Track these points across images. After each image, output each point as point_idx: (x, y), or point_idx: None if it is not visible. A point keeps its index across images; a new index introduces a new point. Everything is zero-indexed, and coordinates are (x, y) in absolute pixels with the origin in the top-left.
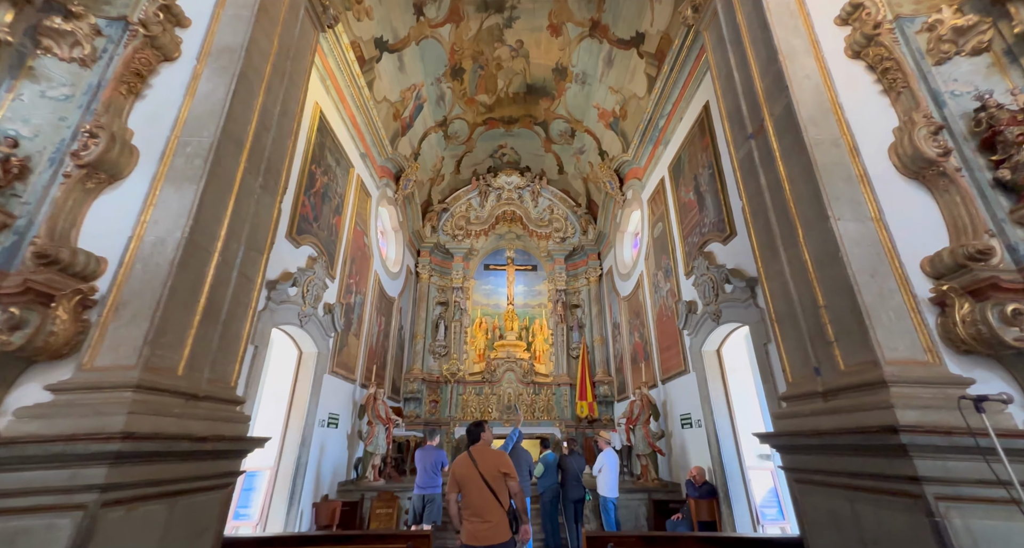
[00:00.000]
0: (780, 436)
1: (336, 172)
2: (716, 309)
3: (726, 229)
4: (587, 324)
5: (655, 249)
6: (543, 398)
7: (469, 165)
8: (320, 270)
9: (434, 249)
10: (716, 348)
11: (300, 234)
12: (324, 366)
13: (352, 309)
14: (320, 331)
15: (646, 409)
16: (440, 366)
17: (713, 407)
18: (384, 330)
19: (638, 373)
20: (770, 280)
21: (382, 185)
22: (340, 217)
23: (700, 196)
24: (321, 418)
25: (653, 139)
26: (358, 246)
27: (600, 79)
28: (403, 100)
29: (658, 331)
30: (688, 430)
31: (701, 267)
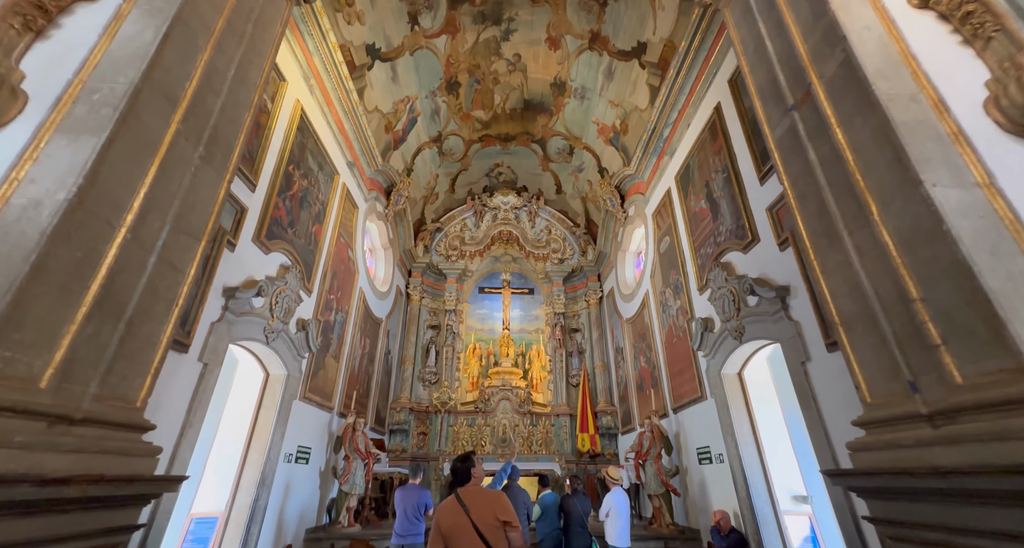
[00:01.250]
0: (866, 475)
1: (318, 178)
2: (738, 326)
3: (746, 235)
4: (587, 349)
5: (662, 265)
6: (541, 430)
7: (464, 184)
8: (293, 281)
9: (426, 270)
10: (737, 370)
11: (271, 239)
12: (294, 391)
13: (331, 328)
14: (291, 350)
15: (657, 442)
16: (430, 395)
17: (738, 439)
18: (369, 353)
19: (645, 402)
20: (829, 275)
21: (371, 198)
22: (321, 226)
23: (713, 203)
24: (288, 452)
25: (657, 150)
26: (341, 259)
27: (600, 93)
28: (396, 112)
29: (668, 354)
30: (707, 466)
31: (718, 279)
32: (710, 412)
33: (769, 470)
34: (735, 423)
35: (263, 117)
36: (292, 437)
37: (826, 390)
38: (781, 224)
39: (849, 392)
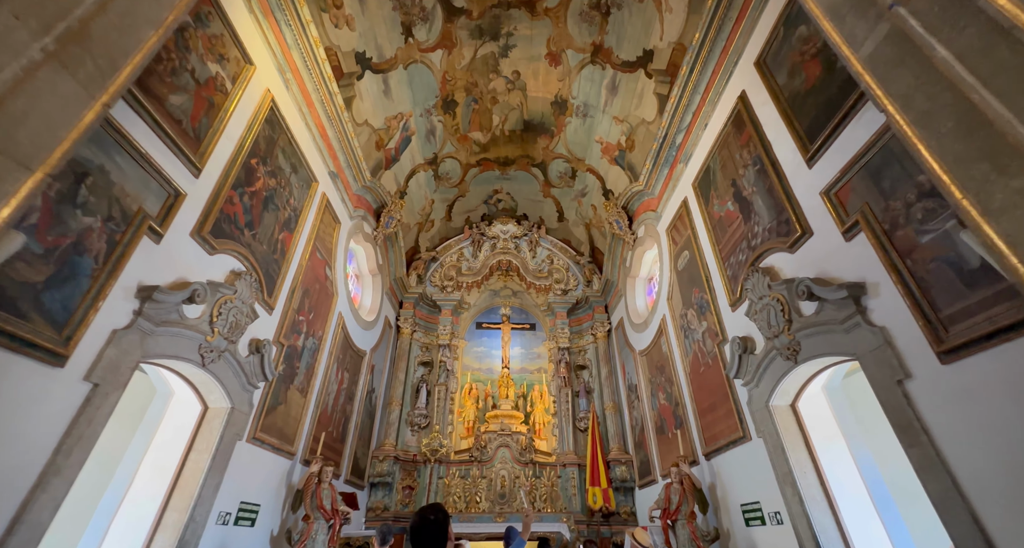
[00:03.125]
0: None
1: (291, 181)
2: (790, 342)
3: (792, 230)
4: (596, 388)
5: (681, 284)
6: (545, 483)
7: (461, 212)
8: (246, 291)
9: (419, 301)
10: (790, 401)
11: (219, 237)
12: (240, 429)
13: (298, 355)
14: (238, 377)
15: (689, 496)
16: (419, 441)
17: (803, 493)
18: (347, 390)
19: (667, 446)
20: (997, 217)
21: (357, 216)
22: (291, 236)
23: (743, 202)
24: (224, 510)
25: (669, 160)
26: (316, 277)
27: (603, 109)
28: (388, 129)
29: (694, 386)
30: (758, 529)
31: (758, 288)
32: (757, 457)
33: (851, 534)
34: (796, 471)
35: (218, 96)
36: (232, 490)
37: (947, 417)
38: (845, 207)
39: (995, 416)
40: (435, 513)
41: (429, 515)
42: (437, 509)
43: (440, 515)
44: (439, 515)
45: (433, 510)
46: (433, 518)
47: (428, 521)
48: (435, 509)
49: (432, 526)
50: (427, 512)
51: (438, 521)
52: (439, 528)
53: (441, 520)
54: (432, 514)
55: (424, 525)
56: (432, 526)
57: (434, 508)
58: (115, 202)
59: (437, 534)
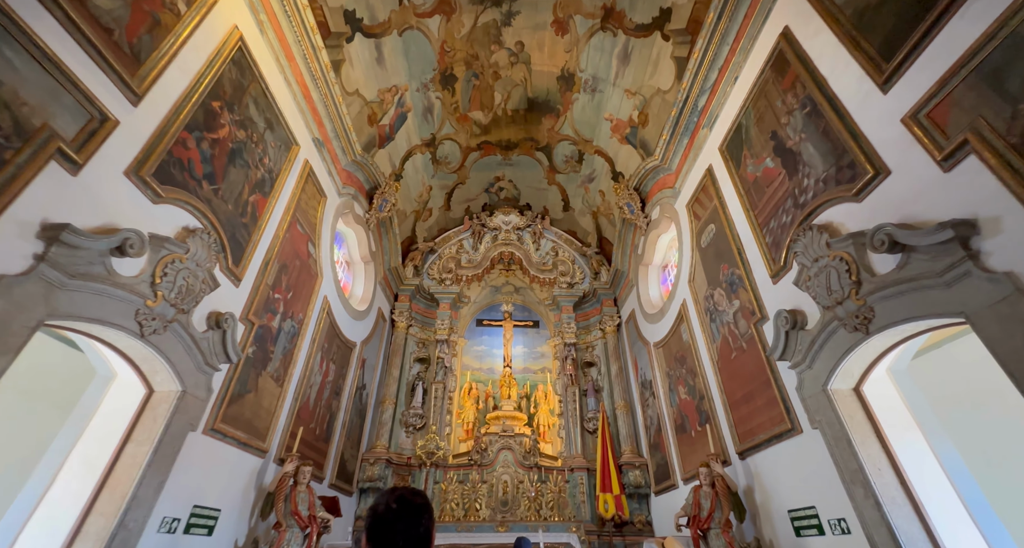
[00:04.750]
0: None
1: (265, 138)
2: (859, 309)
3: (862, 172)
4: (605, 386)
5: (705, 263)
6: (552, 489)
7: (461, 200)
8: (202, 253)
9: (416, 294)
10: (854, 384)
11: (166, 183)
12: (194, 418)
13: (273, 338)
14: (191, 355)
15: (724, 501)
16: (414, 443)
17: (879, 494)
18: (334, 384)
19: (690, 447)
20: None
21: (347, 194)
22: (265, 200)
23: (788, 155)
24: (170, 516)
25: (690, 128)
26: (296, 252)
27: (614, 82)
28: (382, 102)
29: (723, 375)
30: (814, 539)
31: (813, 249)
32: (811, 452)
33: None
34: (868, 468)
35: (166, 15)
36: (182, 492)
37: None
38: (943, 129)
39: None
40: (417, 496)
41: (412, 497)
42: (417, 492)
43: (424, 500)
44: (423, 500)
45: (413, 493)
46: (420, 503)
47: (411, 505)
48: (415, 492)
49: (413, 514)
50: (406, 494)
51: (423, 508)
52: (421, 520)
53: (426, 507)
54: (414, 497)
55: (404, 511)
56: (413, 514)
57: (413, 491)
58: (4, 108)
59: (420, 537)
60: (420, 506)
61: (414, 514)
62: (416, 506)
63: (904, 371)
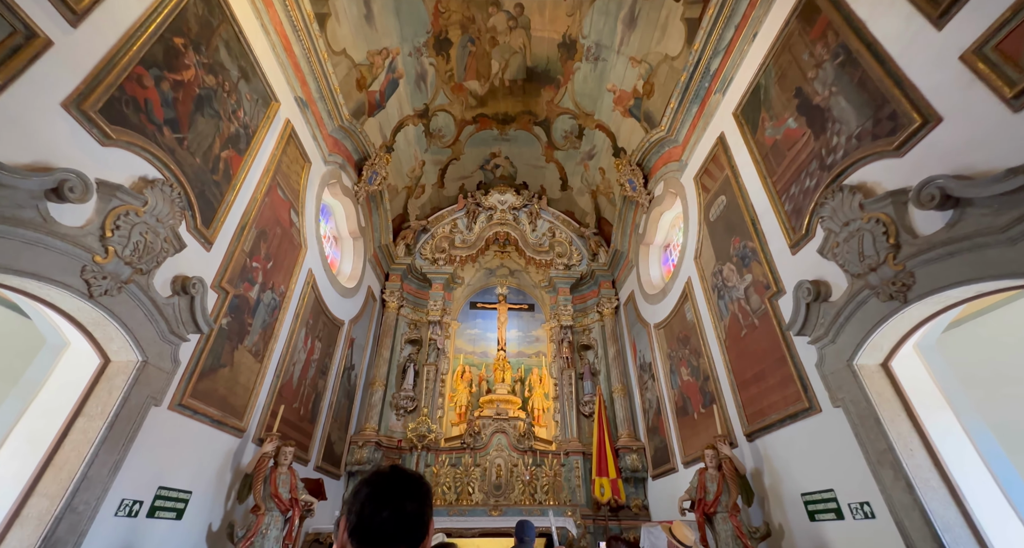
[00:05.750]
0: None
1: (240, 89)
2: (897, 274)
3: (906, 122)
4: (602, 370)
5: (714, 237)
6: (547, 472)
7: (455, 178)
8: (164, 208)
9: (407, 274)
10: (883, 359)
11: (116, 124)
12: (157, 391)
13: (251, 310)
14: (153, 322)
15: (731, 484)
16: (405, 426)
17: (911, 476)
18: (320, 362)
19: (691, 429)
20: None
21: (333, 163)
22: (240, 158)
23: (815, 112)
24: (130, 497)
25: (700, 94)
26: (277, 219)
27: (618, 50)
28: (371, 66)
29: (731, 354)
30: (832, 524)
31: (843, 212)
32: (830, 432)
33: (988, 538)
34: (898, 448)
35: None
36: (144, 472)
37: None
38: (1016, 62)
39: None
40: (416, 476)
41: (411, 476)
42: (417, 474)
43: (424, 482)
44: (422, 481)
45: (413, 473)
46: (418, 482)
47: (408, 483)
48: (415, 473)
49: (408, 494)
50: (404, 470)
51: (420, 489)
52: (417, 500)
53: (425, 488)
54: (414, 476)
55: (397, 488)
56: (408, 494)
57: (413, 472)
58: None
59: (415, 521)
60: (418, 485)
61: (409, 493)
62: (413, 484)
63: (932, 347)
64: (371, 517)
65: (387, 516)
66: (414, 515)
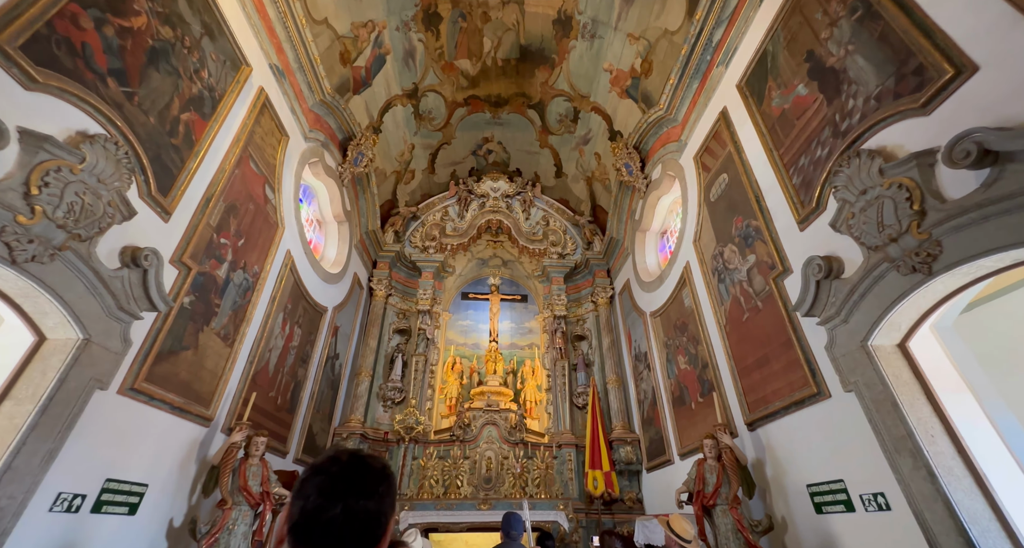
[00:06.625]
0: None
1: (203, 46)
2: (922, 244)
3: (936, 73)
4: (596, 361)
5: (715, 218)
6: (539, 465)
7: (446, 163)
8: (107, 168)
9: (396, 262)
10: (899, 339)
11: (44, 66)
12: (103, 373)
13: (219, 289)
14: (97, 296)
15: (732, 475)
16: (392, 418)
17: (934, 464)
18: (301, 350)
19: (689, 419)
20: None
21: (315, 140)
22: (204, 122)
23: (829, 75)
24: (70, 491)
25: (701, 69)
26: (249, 194)
27: (616, 26)
28: (356, 40)
29: (732, 339)
30: (840, 516)
31: (861, 180)
32: (840, 419)
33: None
34: (918, 434)
35: None
36: (86, 463)
37: None
38: None
39: None
40: (376, 461)
41: (370, 461)
42: (377, 458)
43: (387, 468)
44: (383, 466)
45: (372, 458)
46: (379, 470)
47: (371, 469)
48: (375, 457)
49: (369, 485)
50: (363, 456)
51: (380, 477)
52: (375, 494)
53: (385, 476)
54: (373, 461)
55: (356, 482)
56: (369, 485)
57: (373, 456)
58: None
59: (370, 519)
60: (380, 478)
61: (368, 487)
62: (375, 476)
63: (949, 327)
64: (317, 513)
65: (338, 513)
66: (371, 515)
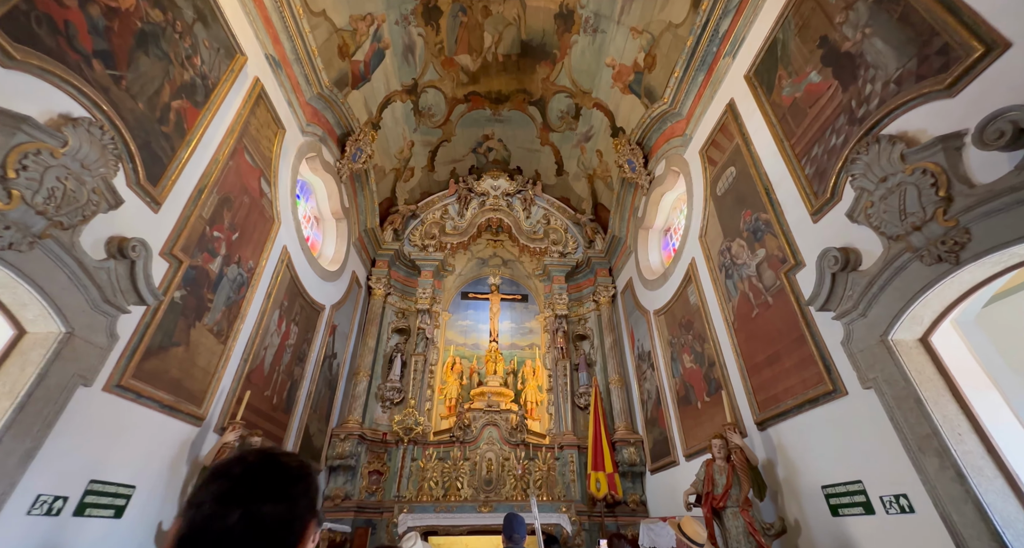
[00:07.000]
0: None
1: (196, 32)
2: (948, 232)
3: (964, 51)
4: (598, 361)
5: (721, 213)
6: (540, 467)
7: (446, 161)
8: (92, 154)
9: (395, 260)
10: (922, 334)
11: (20, 42)
12: (88, 369)
13: (212, 284)
14: (81, 288)
15: (743, 476)
16: (391, 419)
17: (963, 464)
18: (297, 348)
19: (695, 419)
20: None
21: (312, 134)
22: (197, 111)
23: (844, 61)
24: (51, 493)
25: (707, 61)
26: (244, 187)
27: (618, 19)
28: (355, 33)
29: (740, 337)
30: (858, 519)
31: (880, 167)
32: (858, 417)
33: None
34: (945, 433)
35: None
36: (70, 463)
37: None
38: None
39: None
40: (291, 459)
41: (283, 462)
42: (291, 455)
43: (301, 466)
44: (297, 464)
45: (286, 456)
46: (291, 470)
47: (281, 468)
48: (288, 454)
49: (276, 486)
50: (269, 459)
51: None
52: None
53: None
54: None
55: (261, 483)
56: (276, 486)
57: (286, 453)
58: None
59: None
60: (291, 477)
61: (274, 489)
62: (284, 475)
63: (971, 322)
64: (209, 523)
65: (235, 522)
66: (279, 520)
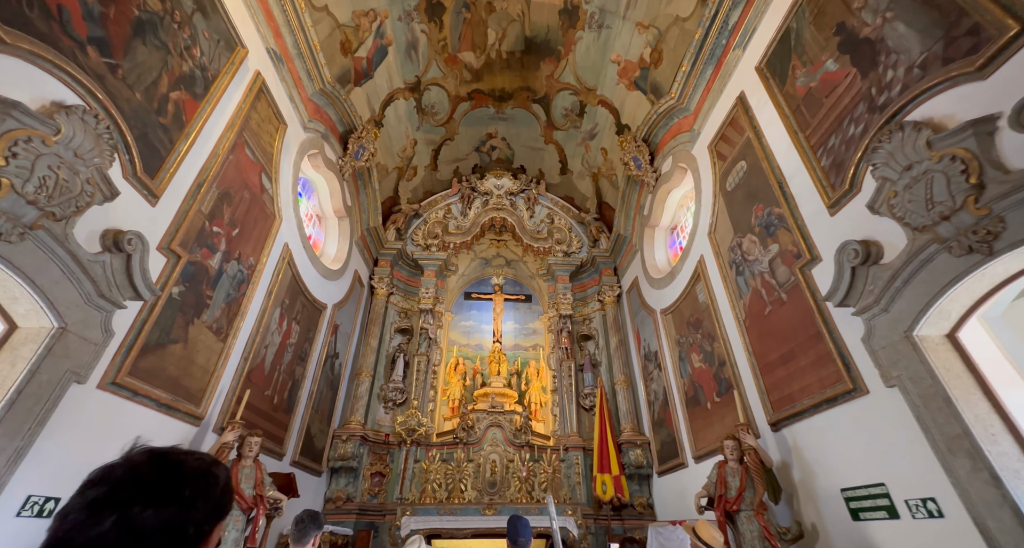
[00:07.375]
0: None
1: (195, 23)
2: (979, 221)
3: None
4: (603, 361)
5: (732, 208)
6: (544, 469)
7: (449, 159)
8: (86, 142)
9: (398, 260)
10: (948, 329)
11: (10, 25)
12: (82, 365)
13: (211, 281)
14: (75, 281)
15: (757, 478)
16: (393, 420)
17: (997, 467)
18: (298, 347)
19: (704, 420)
20: None
21: (314, 130)
22: (196, 103)
23: (863, 47)
24: (41, 494)
25: (716, 54)
26: (244, 182)
27: (624, 14)
28: (358, 29)
29: (753, 335)
30: (881, 524)
31: (904, 155)
32: (882, 417)
33: None
34: (977, 433)
35: None
36: (61, 463)
37: None
38: None
39: None
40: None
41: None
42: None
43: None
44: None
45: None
46: (183, 468)
47: (169, 467)
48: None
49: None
50: (158, 458)
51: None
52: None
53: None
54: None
55: (142, 486)
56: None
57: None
58: None
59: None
60: (182, 477)
61: (159, 492)
62: (173, 475)
63: (999, 317)
64: (74, 533)
65: (106, 529)
66: (165, 526)
